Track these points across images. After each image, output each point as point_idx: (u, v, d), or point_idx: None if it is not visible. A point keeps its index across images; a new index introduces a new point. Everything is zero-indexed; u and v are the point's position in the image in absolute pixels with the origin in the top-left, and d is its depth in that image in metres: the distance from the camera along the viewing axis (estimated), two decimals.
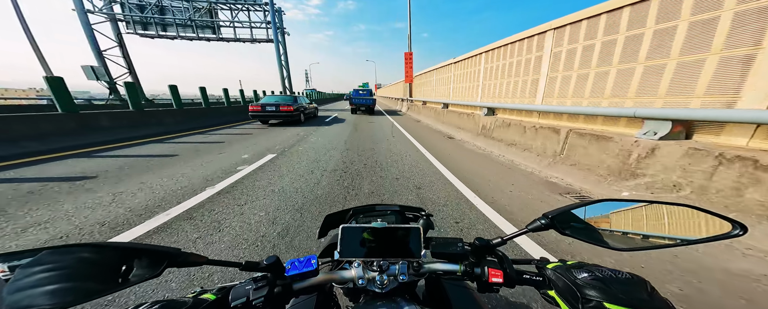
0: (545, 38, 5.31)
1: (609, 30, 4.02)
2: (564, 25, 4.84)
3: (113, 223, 2.33)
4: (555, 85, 5.15)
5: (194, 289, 0.47)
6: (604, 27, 4.10)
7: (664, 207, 0.50)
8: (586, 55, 4.43)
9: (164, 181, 3.47)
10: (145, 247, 0.39)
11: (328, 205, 2.77)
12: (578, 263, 0.47)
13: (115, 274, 0.36)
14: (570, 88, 4.82)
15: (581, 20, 4.47)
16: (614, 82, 3.96)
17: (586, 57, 4.42)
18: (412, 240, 0.54)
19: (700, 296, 1.54)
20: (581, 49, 4.52)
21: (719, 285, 1.62)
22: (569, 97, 4.84)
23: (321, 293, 0.63)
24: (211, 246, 2.03)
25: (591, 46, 4.30)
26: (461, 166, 4.47)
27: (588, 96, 4.45)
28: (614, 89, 3.98)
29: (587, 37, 4.41)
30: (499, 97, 7.14)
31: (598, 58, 4.22)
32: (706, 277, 1.68)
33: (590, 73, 4.37)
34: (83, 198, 2.88)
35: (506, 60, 6.74)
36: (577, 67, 4.63)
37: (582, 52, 4.50)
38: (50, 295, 0.30)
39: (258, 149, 5.58)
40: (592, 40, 4.28)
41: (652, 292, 0.39)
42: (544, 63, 5.39)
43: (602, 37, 4.14)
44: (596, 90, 4.31)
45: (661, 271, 1.75)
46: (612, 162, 3.26)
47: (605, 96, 4.13)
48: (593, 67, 4.31)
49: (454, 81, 10.59)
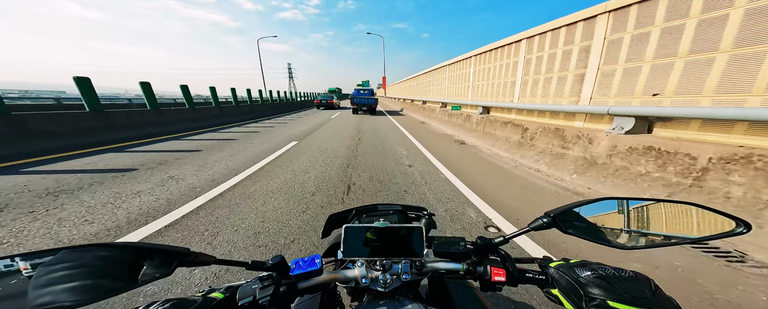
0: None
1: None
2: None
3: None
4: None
5: (203, 288, 0.48)
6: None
7: (668, 205, 0.50)
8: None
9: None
10: (157, 247, 0.40)
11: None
12: (581, 261, 0.47)
13: (131, 273, 0.37)
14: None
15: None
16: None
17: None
18: (414, 239, 0.54)
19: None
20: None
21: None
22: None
23: (325, 292, 0.64)
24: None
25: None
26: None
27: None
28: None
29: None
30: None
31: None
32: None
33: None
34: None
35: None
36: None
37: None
38: (72, 292, 0.32)
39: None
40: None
41: (656, 290, 0.39)
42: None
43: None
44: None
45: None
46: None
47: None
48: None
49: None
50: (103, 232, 2.13)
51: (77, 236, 2.07)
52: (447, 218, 2.45)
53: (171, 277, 1.59)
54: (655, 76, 3.42)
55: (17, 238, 2.01)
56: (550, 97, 5.41)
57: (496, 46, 7.38)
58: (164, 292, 1.53)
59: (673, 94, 3.26)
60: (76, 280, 0.33)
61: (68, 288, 0.32)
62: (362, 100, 15.59)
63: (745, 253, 1.81)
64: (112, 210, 2.51)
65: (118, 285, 0.35)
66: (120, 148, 5.38)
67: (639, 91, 3.65)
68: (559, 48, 5.09)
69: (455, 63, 11.08)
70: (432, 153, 5.26)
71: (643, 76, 3.57)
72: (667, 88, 3.31)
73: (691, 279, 1.62)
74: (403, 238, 0.55)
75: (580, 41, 4.58)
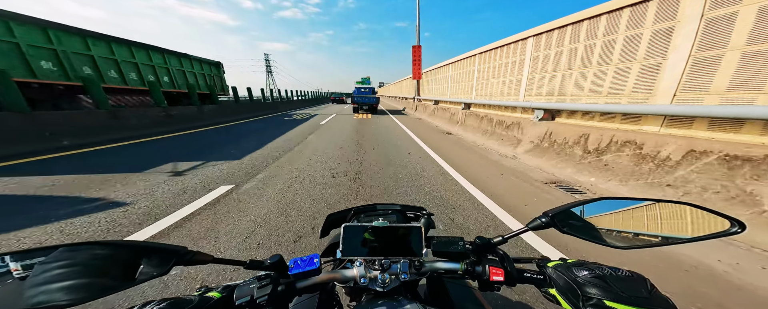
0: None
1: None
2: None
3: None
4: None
5: (200, 287, 0.48)
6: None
7: (664, 205, 0.50)
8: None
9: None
10: (154, 245, 0.40)
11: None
12: (579, 261, 0.47)
13: (127, 271, 0.37)
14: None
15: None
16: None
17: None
18: (413, 239, 0.55)
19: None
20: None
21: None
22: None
23: (323, 292, 0.64)
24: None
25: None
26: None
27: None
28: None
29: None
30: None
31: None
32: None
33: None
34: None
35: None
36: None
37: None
38: (68, 291, 0.31)
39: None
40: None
41: (652, 290, 0.39)
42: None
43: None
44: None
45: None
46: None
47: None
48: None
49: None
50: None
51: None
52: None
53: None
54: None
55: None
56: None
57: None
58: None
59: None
60: (72, 278, 0.32)
61: (64, 287, 0.31)
62: (363, 98, 15.06)
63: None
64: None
65: (114, 283, 0.35)
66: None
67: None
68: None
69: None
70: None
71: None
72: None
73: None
74: (402, 238, 0.55)
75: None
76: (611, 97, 4.01)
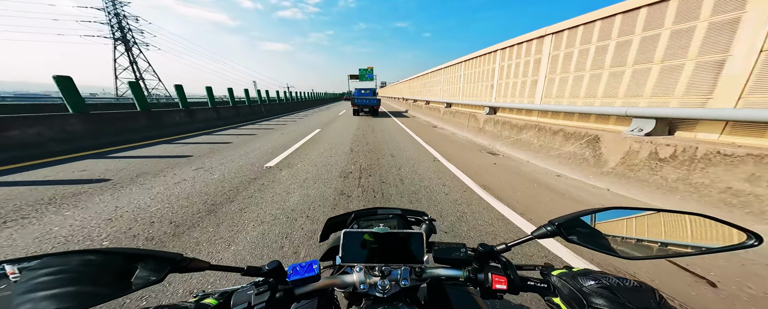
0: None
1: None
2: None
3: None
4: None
5: (196, 293, 0.47)
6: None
7: (676, 216, 0.49)
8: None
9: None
10: (148, 252, 0.39)
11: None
12: (584, 270, 0.46)
13: (120, 279, 0.36)
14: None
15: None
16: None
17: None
18: (414, 245, 0.53)
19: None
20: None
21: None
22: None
23: (322, 297, 0.63)
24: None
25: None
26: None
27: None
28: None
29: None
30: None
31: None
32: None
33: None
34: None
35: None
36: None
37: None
38: (54, 299, 0.30)
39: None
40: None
41: (660, 301, 0.37)
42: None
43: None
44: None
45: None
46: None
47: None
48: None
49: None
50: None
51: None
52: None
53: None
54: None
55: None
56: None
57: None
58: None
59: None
60: (60, 286, 0.31)
61: (50, 295, 0.30)
62: (363, 100, 14.64)
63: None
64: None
65: (105, 291, 0.33)
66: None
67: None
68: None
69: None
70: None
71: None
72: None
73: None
74: (403, 244, 0.54)
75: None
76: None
